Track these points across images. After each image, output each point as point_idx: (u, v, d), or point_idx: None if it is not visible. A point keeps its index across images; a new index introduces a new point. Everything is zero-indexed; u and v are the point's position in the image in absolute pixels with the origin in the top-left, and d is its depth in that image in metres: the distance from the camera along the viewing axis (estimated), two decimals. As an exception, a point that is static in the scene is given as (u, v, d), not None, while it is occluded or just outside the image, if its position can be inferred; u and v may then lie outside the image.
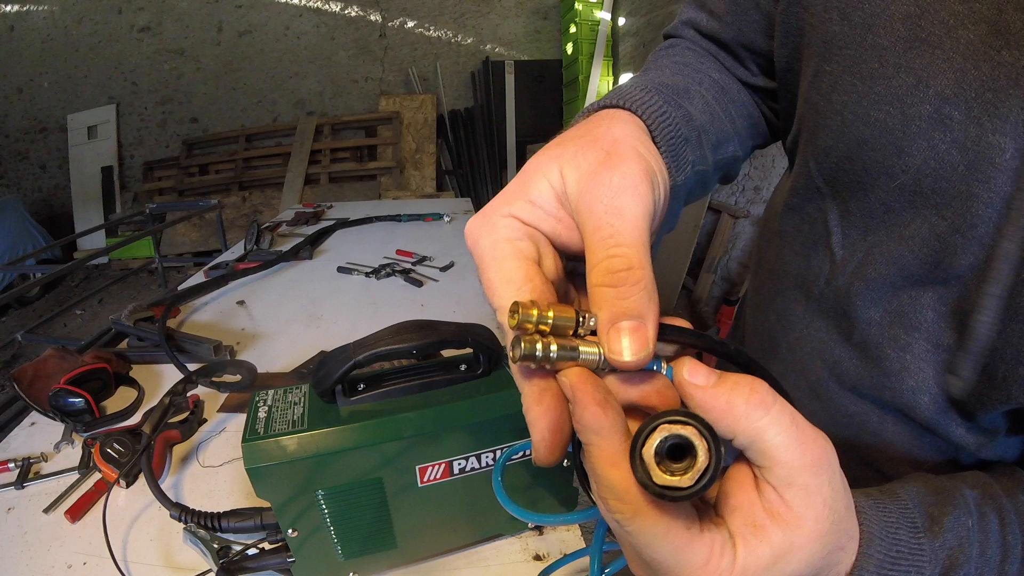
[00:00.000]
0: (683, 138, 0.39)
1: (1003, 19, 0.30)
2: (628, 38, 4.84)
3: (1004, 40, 0.30)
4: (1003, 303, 0.33)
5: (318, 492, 0.50)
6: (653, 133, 0.36)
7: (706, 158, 0.44)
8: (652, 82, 0.44)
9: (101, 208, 5.37)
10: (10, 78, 5.26)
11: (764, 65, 0.54)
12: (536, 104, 5.58)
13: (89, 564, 0.60)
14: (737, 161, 0.53)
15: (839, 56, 0.40)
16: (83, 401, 0.82)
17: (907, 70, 0.35)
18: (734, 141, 0.51)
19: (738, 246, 3.28)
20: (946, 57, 0.33)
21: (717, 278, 3.44)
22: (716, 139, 0.47)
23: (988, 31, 0.31)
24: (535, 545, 0.63)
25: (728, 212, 3.29)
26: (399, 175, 5.30)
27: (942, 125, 0.34)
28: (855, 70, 0.38)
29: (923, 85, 0.34)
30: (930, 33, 0.34)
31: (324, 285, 1.51)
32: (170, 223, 4.03)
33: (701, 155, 0.43)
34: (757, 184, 3.08)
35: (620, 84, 0.48)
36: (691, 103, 0.44)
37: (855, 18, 0.38)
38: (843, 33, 0.39)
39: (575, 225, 0.30)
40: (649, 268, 0.26)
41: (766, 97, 0.57)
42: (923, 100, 0.34)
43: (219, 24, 5.30)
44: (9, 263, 3.94)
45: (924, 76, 0.34)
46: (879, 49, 0.36)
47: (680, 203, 0.43)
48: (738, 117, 0.53)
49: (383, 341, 0.51)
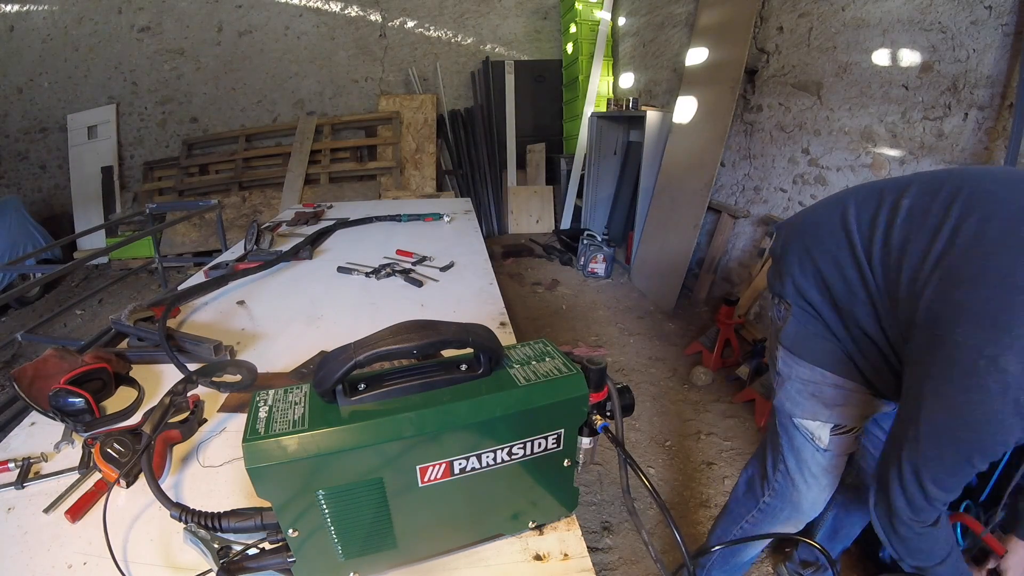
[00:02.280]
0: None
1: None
2: (628, 38, 4.84)
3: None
4: None
5: (319, 492, 0.50)
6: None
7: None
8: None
9: (101, 208, 5.37)
10: (10, 78, 5.26)
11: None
12: (536, 104, 5.58)
13: (89, 564, 0.60)
14: None
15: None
16: (83, 401, 0.82)
17: None
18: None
19: (738, 246, 3.27)
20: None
21: (717, 278, 3.44)
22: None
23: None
24: (535, 545, 0.63)
25: (728, 212, 3.29)
26: (399, 175, 5.30)
27: None
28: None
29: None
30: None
31: (324, 285, 1.51)
32: (170, 223, 4.02)
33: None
34: (757, 184, 3.08)
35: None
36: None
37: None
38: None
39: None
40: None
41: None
42: None
43: (219, 24, 5.30)
44: (9, 263, 3.94)
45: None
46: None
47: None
48: None
49: (384, 341, 0.51)
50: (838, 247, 0.91)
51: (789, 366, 1.05)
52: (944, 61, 1.90)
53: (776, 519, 1.20)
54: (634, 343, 3.07)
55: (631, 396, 0.62)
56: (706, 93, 3.22)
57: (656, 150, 3.67)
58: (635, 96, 4.10)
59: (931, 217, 0.78)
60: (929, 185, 0.83)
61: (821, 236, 0.96)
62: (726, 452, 2.10)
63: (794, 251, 1.01)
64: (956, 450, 0.73)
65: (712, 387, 2.57)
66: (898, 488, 0.81)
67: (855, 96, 2.32)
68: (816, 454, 1.08)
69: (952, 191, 0.78)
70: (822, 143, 2.54)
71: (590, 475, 1.96)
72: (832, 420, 1.03)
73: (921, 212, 0.80)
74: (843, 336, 0.96)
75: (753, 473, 1.26)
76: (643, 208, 3.79)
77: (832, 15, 2.40)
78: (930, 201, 0.80)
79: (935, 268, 0.75)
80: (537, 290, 3.98)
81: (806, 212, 1.06)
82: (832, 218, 0.94)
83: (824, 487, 1.12)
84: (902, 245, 0.81)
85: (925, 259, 0.76)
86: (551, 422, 0.56)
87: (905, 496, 0.80)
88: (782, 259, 1.04)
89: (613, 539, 1.72)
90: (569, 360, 0.59)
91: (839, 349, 0.98)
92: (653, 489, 0.53)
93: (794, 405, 1.06)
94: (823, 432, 1.05)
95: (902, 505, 0.81)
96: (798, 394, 1.05)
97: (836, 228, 0.92)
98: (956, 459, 0.74)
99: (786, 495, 1.16)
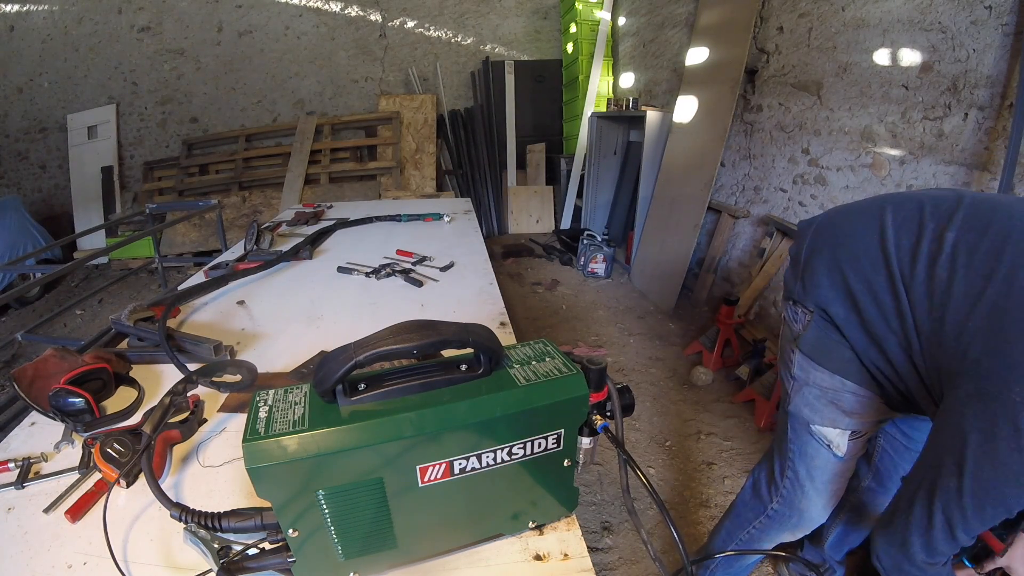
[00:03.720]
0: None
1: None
2: (628, 38, 4.84)
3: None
4: None
5: (319, 492, 0.50)
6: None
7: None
8: None
9: (101, 208, 5.37)
10: (10, 78, 5.26)
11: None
12: (536, 104, 5.58)
13: (89, 564, 0.60)
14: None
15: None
16: (83, 401, 0.82)
17: None
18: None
19: (738, 246, 3.27)
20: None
21: (717, 278, 3.44)
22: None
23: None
24: (535, 545, 0.63)
25: (728, 212, 3.29)
26: (399, 175, 5.30)
27: None
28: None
29: None
30: None
31: (324, 285, 1.51)
32: (170, 223, 4.02)
33: None
34: (757, 184, 3.08)
35: None
36: None
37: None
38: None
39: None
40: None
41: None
42: None
43: (219, 24, 5.30)
44: (9, 263, 3.94)
45: None
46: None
47: None
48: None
49: (384, 341, 0.51)
50: (874, 270, 0.85)
51: (806, 371, 1.01)
52: (944, 61, 1.90)
53: (784, 526, 1.18)
54: (634, 343, 3.07)
55: (631, 396, 0.62)
56: (706, 93, 3.22)
57: (656, 150, 3.67)
58: (635, 96, 4.10)
59: (978, 260, 0.74)
60: (975, 220, 0.77)
61: (856, 253, 0.89)
62: (726, 452, 2.10)
63: (822, 260, 0.95)
64: (999, 505, 0.72)
65: (712, 387, 2.57)
66: (920, 532, 0.79)
67: (855, 96, 2.32)
68: (830, 461, 1.05)
69: (1002, 233, 0.73)
70: (822, 143, 2.54)
71: (590, 475, 1.96)
72: (851, 427, 1.00)
73: (967, 251, 0.75)
74: (864, 356, 0.93)
75: (760, 477, 1.23)
76: (643, 208, 3.79)
77: (832, 15, 2.40)
78: (977, 240, 0.75)
79: (987, 318, 0.71)
80: (537, 290, 3.98)
81: (836, 216, 0.98)
82: (869, 235, 0.88)
83: (833, 494, 1.10)
84: (946, 286, 0.76)
85: (975, 306, 0.73)
86: (551, 422, 0.56)
87: (926, 541, 0.79)
88: (807, 265, 0.98)
89: (613, 539, 1.72)
90: (569, 360, 0.59)
91: (859, 362, 0.94)
92: (653, 489, 0.53)
93: (813, 412, 1.02)
94: (842, 440, 1.02)
95: (919, 549, 0.80)
96: (817, 400, 1.01)
97: (873, 248, 0.86)
98: (996, 514, 0.73)
99: (794, 502, 1.14)
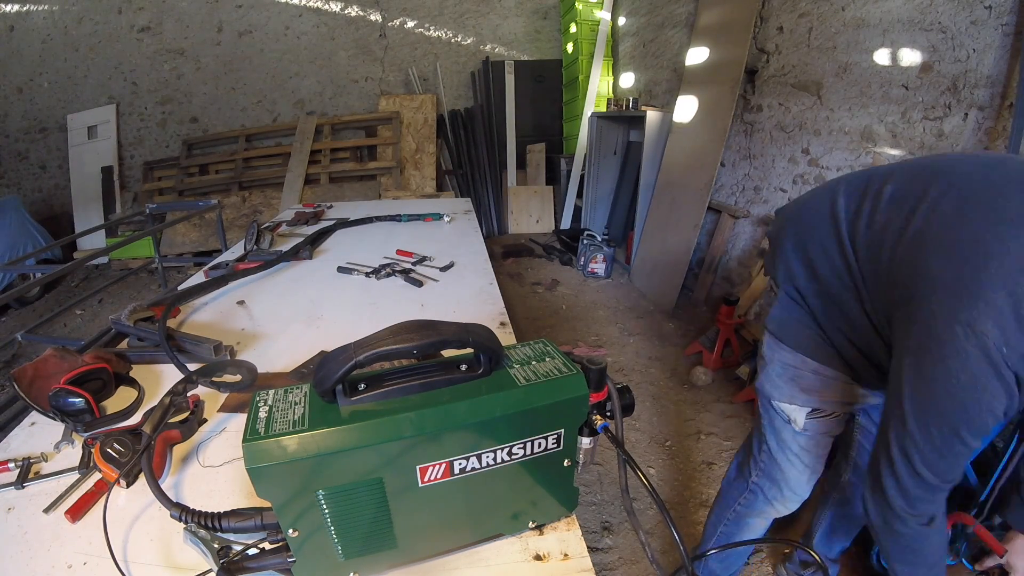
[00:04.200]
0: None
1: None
2: (628, 38, 4.84)
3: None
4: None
5: (319, 492, 0.50)
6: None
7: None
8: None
9: (101, 208, 5.37)
10: (10, 78, 5.26)
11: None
12: (536, 104, 5.58)
13: (89, 564, 0.60)
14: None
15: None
16: (83, 401, 0.82)
17: None
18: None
19: (738, 246, 3.27)
20: None
21: (717, 278, 3.44)
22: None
23: None
24: (535, 545, 0.63)
25: (728, 212, 3.29)
26: (399, 175, 5.30)
27: None
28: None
29: None
30: None
31: (324, 285, 1.51)
32: (170, 223, 4.02)
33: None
34: (757, 184, 3.08)
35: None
36: None
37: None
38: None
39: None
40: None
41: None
42: None
43: (219, 24, 5.30)
44: (9, 263, 3.94)
45: None
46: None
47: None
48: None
49: (384, 341, 0.51)
50: (826, 234, 0.94)
51: (772, 350, 1.09)
52: (944, 61, 1.90)
53: (767, 499, 1.23)
54: (634, 343, 3.07)
55: (631, 396, 0.62)
56: (706, 93, 3.22)
57: (656, 150, 3.67)
58: (635, 96, 4.10)
59: (910, 199, 0.81)
60: (911, 171, 0.86)
61: (813, 223, 0.99)
62: (726, 452, 2.10)
63: (788, 236, 1.04)
64: (942, 424, 0.72)
65: (712, 387, 2.57)
66: (891, 478, 0.80)
67: (855, 96, 2.32)
68: (795, 435, 1.12)
69: (931, 174, 0.81)
70: (822, 143, 2.54)
71: (590, 475, 1.96)
72: (808, 404, 1.07)
73: (900, 196, 0.83)
74: (827, 324, 0.99)
75: (742, 457, 1.30)
76: (643, 208, 3.79)
77: (832, 15, 2.40)
78: (911, 184, 0.83)
79: (910, 245, 0.77)
80: (537, 290, 3.98)
81: (802, 198, 1.10)
82: (823, 205, 0.97)
83: (806, 466, 1.15)
84: (883, 227, 0.83)
85: (902, 237, 0.78)
86: (551, 422, 0.56)
87: (899, 486, 0.80)
88: (776, 243, 1.08)
89: (613, 539, 1.72)
90: (569, 360, 0.59)
91: (821, 338, 1.01)
92: (652, 489, 0.53)
93: (773, 388, 1.10)
94: (799, 415, 1.09)
95: (896, 496, 0.81)
96: (778, 377, 1.09)
97: (825, 215, 0.95)
98: (944, 435, 0.73)
99: (771, 474, 1.20)
